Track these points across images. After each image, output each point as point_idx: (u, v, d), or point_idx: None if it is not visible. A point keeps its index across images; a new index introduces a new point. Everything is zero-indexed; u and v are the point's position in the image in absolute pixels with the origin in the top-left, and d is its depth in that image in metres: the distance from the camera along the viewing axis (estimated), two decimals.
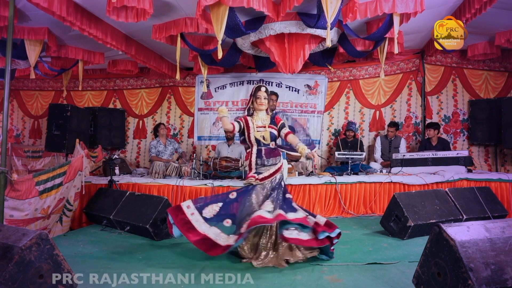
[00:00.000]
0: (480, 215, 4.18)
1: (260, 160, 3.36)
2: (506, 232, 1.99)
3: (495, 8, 4.26)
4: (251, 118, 3.45)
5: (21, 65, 6.03)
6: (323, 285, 2.65)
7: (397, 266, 3.02)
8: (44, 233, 2.18)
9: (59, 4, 3.98)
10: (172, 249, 3.70)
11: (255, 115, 3.47)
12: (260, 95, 3.42)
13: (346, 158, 5.68)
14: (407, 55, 6.75)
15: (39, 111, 8.11)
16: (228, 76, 7.35)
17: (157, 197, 4.36)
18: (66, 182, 4.20)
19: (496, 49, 5.79)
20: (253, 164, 3.37)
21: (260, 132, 3.37)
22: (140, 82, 7.87)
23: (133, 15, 4.22)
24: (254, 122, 3.41)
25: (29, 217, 3.79)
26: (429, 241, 2.09)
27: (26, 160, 6.97)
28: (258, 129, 3.39)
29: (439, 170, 5.50)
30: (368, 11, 4.27)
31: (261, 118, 3.44)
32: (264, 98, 3.42)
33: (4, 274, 1.95)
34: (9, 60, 3.27)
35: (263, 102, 3.41)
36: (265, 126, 3.39)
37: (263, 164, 3.35)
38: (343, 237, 3.98)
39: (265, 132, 3.36)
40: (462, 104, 6.79)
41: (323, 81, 7.18)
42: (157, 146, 6.35)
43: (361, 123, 7.14)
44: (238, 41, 5.25)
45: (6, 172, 3.27)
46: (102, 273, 2.89)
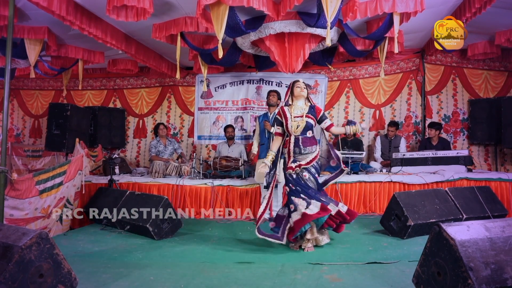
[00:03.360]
0: (480, 215, 4.18)
1: (297, 149, 3.59)
2: (506, 231, 1.99)
3: (495, 7, 4.26)
4: (289, 107, 3.70)
5: (21, 64, 6.03)
6: (323, 284, 2.65)
7: (397, 266, 3.02)
8: (44, 233, 2.18)
9: (59, 3, 3.97)
10: (172, 248, 3.71)
11: (294, 105, 3.71)
12: (300, 85, 3.71)
13: (346, 158, 5.68)
14: (407, 54, 6.74)
15: (39, 111, 8.10)
16: (228, 75, 7.35)
17: (157, 197, 4.36)
18: (66, 182, 4.20)
19: (496, 48, 5.78)
20: (291, 152, 3.62)
21: (297, 121, 3.60)
22: (140, 81, 7.87)
23: (133, 14, 4.22)
24: (292, 112, 3.65)
25: (29, 216, 3.79)
26: (429, 241, 2.09)
27: (26, 159, 6.97)
28: (295, 118, 3.61)
29: (439, 170, 5.50)
30: (368, 11, 4.27)
31: (300, 107, 3.68)
32: (303, 87, 3.70)
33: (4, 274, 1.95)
34: (9, 59, 3.27)
35: (303, 89, 3.69)
36: (302, 116, 3.60)
37: (300, 152, 3.58)
38: (343, 237, 4.01)
39: (301, 121, 3.59)
40: (462, 103, 6.79)
41: (323, 80, 7.18)
42: (157, 146, 6.35)
43: (361, 122, 7.11)
44: (238, 40, 5.24)
45: (6, 171, 3.27)
46: (102, 273, 2.90)
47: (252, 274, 2.88)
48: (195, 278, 2.79)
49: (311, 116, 3.63)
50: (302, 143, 3.58)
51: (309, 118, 3.61)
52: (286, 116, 3.65)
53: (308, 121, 3.59)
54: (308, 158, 3.58)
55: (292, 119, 3.60)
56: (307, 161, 3.58)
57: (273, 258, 3.33)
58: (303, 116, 3.60)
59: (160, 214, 4.06)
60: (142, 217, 4.11)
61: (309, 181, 3.57)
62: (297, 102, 3.70)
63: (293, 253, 3.46)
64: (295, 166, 3.57)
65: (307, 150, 3.58)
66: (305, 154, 3.59)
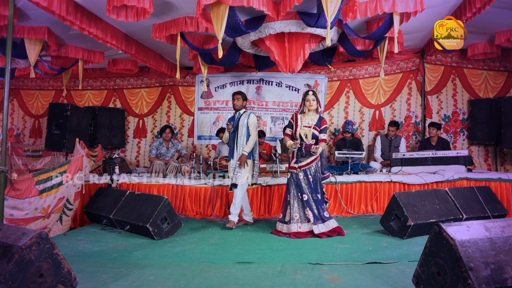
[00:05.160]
0: (480, 215, 4.18)
1: (300, 152, 4.13)
2: (506, 231, 1.99)
3: (495, 7, 4.26)
4: (302, 115, 4.21)
5: (21, 64, 6.03)
6: (323, 284, 2.65)
7: (397, 266, 3.02)
8: (44, 232, 2.18)
9: (59, 3, 3.97)
10: (172, 248, 3.70)
11: (306, 114, 4.19)
12: (309, 98, 4.13)
13: (346, 158, 5.68)
14: (407, 54, 6.75)
15: (40, 111, 8.10)
16: (228, 75, 7.35)
17: (157, 197, 4.35)
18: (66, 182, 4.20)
19: (496, 48, 5.78)
20: (295, 154, 4.16)
21: (305, 130, 4.13)
22: (140, 81, 7.87)
23: (133, 14, 4.22)
24: (303, 121, 4.15)
25: (29, 216, 3.79)
26: (429, 241, 2.09)
27: (26, 159, 6.97)
28: (304, 128, 4.13)
29: (439, 170, 5.50)
30: (368, 11, 4.27)
31: (310, 118, 4.17)
32: (312, 100, 4.12)
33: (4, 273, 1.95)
34: (9, 59, 3.27)
35: (312, 103, 4.12)
36: (310, 126, 4.11)
37: (302, 155, 4.12)
38: (343, 237, 4.01)
39: (308, 131, 4.11)
40: (462, 103, 6.79)
41: (323, 80, 7.18)
42: (159, 148, 6.35)
43: (361, 122, 7.14)
44: (238, 40, 5.24)
45: (6, 171, 3.27)
46: (102, 273, 2.90)
47: (252, 274, 2.88)
48: (195, 278, 2.79)
49: (317, 128, 4.12)
50: (305, 148, 4.10)
51: (316, 130, 4.10)
52: (297, 123, 4.17)
53: (314, 132, 4.10)
54: (308, 160, 4.11)
55: (301, 127, 4.13)
56: (307, 162, 4.11)
57: (273, 258, 3.32)
58: (311, 127, 4.10)
59: (160, 214, 4.06)
60: (142, 217, 4.11)
61: (303, 181, 4.10)
62: (309, 112, 4.17)
63: (293, 253, 3.46)
64: (298, 166, 4.12)
65: (308, 154, 4.10)
66: (306, 157, 4.11)
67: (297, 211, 4.08)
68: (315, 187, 4.10)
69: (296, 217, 4.07)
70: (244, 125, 4.55)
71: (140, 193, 4.64)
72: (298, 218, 4.07)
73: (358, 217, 5.09)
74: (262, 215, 5.19)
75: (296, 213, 4.08)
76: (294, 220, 4.06)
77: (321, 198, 4.12)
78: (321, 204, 4.08)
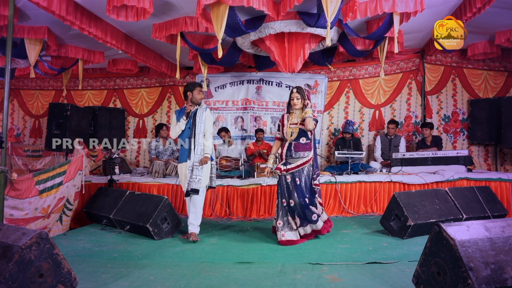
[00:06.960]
0: (480, 215, 4.18)
1: (289, 152, 3.90)
2: (506, 231, 1.99)
3: (495, 7, 4.26)
4: (289, 115, 4.02)
5: (21, 64, 6.02)
6: (323, 284, 2.65)
7: (397, 266, 3.02)
8: (44, 232, 2.18)
9: (59, 3, 3.97)
10: (172, 248, 3.71)
11: (293, 113, 3.99)
12: (293, 97, 3.93)
13: (346, 158, 5.68)
14: (407, 54, 6.75)
15: (40, 111, 8.10)
16: (228, 75, 7.35)
17: (157, 197, 4.36)
18: (66, 182, 4.20)
19: (496, 48, 5.78)
20: (284, 155, 3.94)
21: (291, 128, 3.91)
22: (140, 81, 7.87)
23: (133, 14, 4.22)
24: (290, 119, 3.96)
25: (29, 216, 3.79)
26: (429, 241, 2.09)
27: (26, 159, 6.97)
28: (291, 125, 3.93)
29: (439, 170, 5.50)
30: (368, 10, 4.27)
31: (297, 116, 3.95)
32: (296, 98, 3.91)
33: (4, 273, 1.95)
34: (9, 59, 3.27)
35: (296, 102, 3.92)
36: (297, 123, 3.89)
37: (291, 156, 3.87)
38: (343, 237, 4.02)
39: (295, 128, 3.89)
40: (462, 103, 6.79)
41: (323, 80, 7.17)
42: (157, 147, 6.36)
43: (361, 122, 7.14)
44: (238, 40, 5.24)
45: (6, 171, 3.27)
46: (102, 273, 2.90)
47: (252, 274, 2.88)
48: (195, 278, 2.79)
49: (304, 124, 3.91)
50: (294, 147, 3.88)
51: (303, 126, 3.87)
52: (283, 123, 4.00)
53: (301, 128, 3.87)
54: (298, 162, 3.87)
55: (288, 126, 3.94)
56: (296, 165, 3.86)
57: (273, 258, 3.33)
58: (297, 124, 3.89)
59: (160, 214, 4.06)
60: (142, 217, 4.11)
61: (290, 185, 3.86)
62: (296, 111, 3.98)
63: (293, 253, 3.46)
64: (283, 169, 3.87)
65: (298, 154, 3.87)
66: (296, 158, 3.87)
67: (280, 217, 3.85)
68: (304, 190, 3.83)
69: (280, 224, 3.84)
70: (203, 121, 3.99)
71: (140, 193, 4.65)
72: (282, 225, 3.83)
73: (358, 217, 5.09)
74: (262, 215, 5.19)
75: (280, 220, 3.85)
76: (279, 228, 3.83)
77: (310, 201, 3.82)
78: (307, 208, 3.79)
